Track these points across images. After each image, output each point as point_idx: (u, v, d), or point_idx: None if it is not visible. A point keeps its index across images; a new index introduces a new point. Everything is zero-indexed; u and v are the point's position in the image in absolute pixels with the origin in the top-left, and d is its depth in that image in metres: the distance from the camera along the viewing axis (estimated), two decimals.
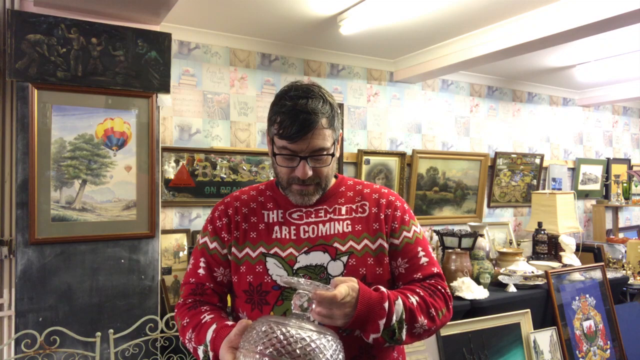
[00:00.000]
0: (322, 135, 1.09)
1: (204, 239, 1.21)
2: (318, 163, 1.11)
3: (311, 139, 1.07)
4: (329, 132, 1.10)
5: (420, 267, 1.15)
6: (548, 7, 2.45)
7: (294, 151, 1.08)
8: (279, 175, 1.16)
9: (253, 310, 1.12)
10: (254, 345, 0.84)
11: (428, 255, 1.18)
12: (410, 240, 1.17)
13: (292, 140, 1.07)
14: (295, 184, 1.13)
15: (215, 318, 1.10)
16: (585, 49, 3.20)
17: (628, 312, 3.06)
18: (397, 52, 3.30)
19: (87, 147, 2.12)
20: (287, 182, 1.14)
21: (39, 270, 2.02)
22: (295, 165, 1.10)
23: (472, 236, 2.76)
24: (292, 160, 1.10)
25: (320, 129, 1.08)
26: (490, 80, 4.06)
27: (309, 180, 1.11)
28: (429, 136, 3.76)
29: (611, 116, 4.99)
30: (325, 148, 1.10)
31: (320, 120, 1.08)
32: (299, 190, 1.13)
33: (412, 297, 1.06)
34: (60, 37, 2.02)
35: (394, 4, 2.37)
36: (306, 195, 1.14)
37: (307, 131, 1.06)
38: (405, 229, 1.18)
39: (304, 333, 0.83)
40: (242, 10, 2.52)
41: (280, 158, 1.12)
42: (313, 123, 1.06)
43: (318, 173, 1.12)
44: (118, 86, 2.15)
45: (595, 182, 4.74)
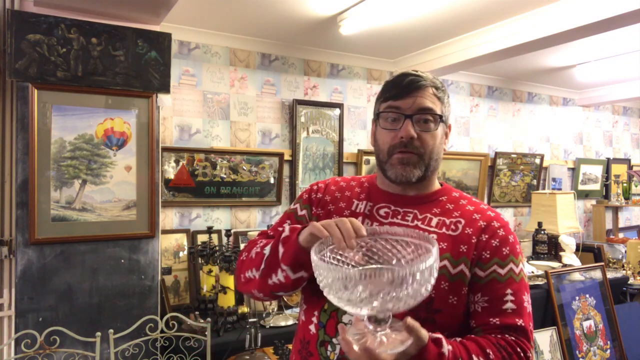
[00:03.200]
0: (430, 98, 1.04)
1: (295, 205, 1.18)
2: (423, 127, 1.03)
3: (418, 97, 1.02)
4: (437, 102, 1.05)
5: (501, 312, 0.96)
6: (548, 7, 2.45)
7: (398, 108, 1.03)
8: (381, 147, 1.07)
9: (312, 296, 1.06)
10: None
11: (518, 303, 0.98)
12: (501, 279, 0.98)
13: (398, 96, 1.03)
14: (397, 152, 1.04)
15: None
16: (585, 49, 3.20)
17: (628, 312, 3.06)
18: (397, 52, 3.30)
19: (87, 147, 2.12)
20: (388, 151, 1.05)
21: (39, 270, 2.02)
22: (399, 127, 1.03)
23: None
24: (396, 122, 1.04)
25: (429, 93, 1.04)
26: (490, 80, 4.06)
27: (413, 146, 1.02)
28: None
29: (611, 116, 4.99)
30: (433, 110, 1.03)
31: (430, 87, 1.04)
32: (400, 159, 1.03)
33: (475, 358, 0.87)
34: (60, 37, 2.02)
35: (394, 4, 2.37)
36: (407, 164, 1.03)
37: (415, 88, 1.03)
38: (498, 263, 0.99)
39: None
40: (242, 10, 2.52)
41: (384, 121, 1.06)
42: (421, 83, 1.03)
43: (423, 141, 1.03)
44: (118, 86, 2.15)
45: (595, 182, 4.74)
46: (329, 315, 1.02)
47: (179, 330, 2.12)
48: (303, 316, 1.09)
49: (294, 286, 0.98)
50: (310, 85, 3.26)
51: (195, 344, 2.12)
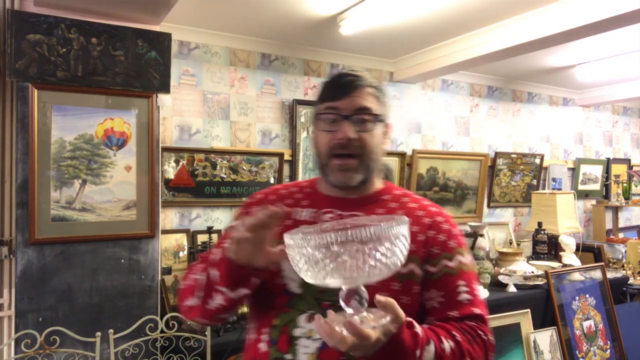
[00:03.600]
0: (368, 98, 1.04)
1: (235, 223, 1.11)
2: (362, 127, 1.02)
3: (356, 97, 1.02)
4: (375, 101, 1.05)
5: (458, 304, 0.98)
6: (548, 7, 2.45)
7: (336, 109, 1.02)
8: (320, 149, 1.06)
9: (259, 313, 1.04)
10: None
11: (472, 292, 1.00)
12: (452, 271, 1.00)
13: (336, 97, 1.03)
14: (336, 156, 1.03)
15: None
16: (585, 49, 3.20)
17: (628, 312, 3.06)
18: (397, 52, 3.30)
19: (87, 147, 2.12)
20: (327, 154, 1.04)
21: (39, 270, 2.02)
22: (338, 128, 1.02)
23: (472, 236, 2.75)
24: (334, 123, 1.03)
25: (367, 93, 1.04)
26: (490, 80, 4.06)
27: (352, 147, 1.01)
28: (429, 136, 3.76)
29: (611, 116, 4.99)
30: (371, 109, 1.03)
31: (367, 87, 1.04)
32: (340, 165, 1.03)
33: (446, 341, 0.89)
34: (60, 37, 2.02)
35: (394, 4, 2.37)
36: (347, 170, 1.02)
37: (352, 88, 1.03)
38: (447, 257, 1.01)
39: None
40: (242, 10, 2.52)
41: (322, 123, 1.05)
42: (359, 84, 1.03)
43: (362, 141, 1.02)
44: (118, 86, 2.15)
45: (595, 182, 4.74)
46: (279, 331, 0.98)
47: (179, 330, 2.12)
48: (252, 334, 1.05)
49: (235, 306, 0.96)
50: (310, 85, 3.26)
51: (195, 344, 2.12)
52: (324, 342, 0.90)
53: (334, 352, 0.92)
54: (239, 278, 0.91)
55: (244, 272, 0.90)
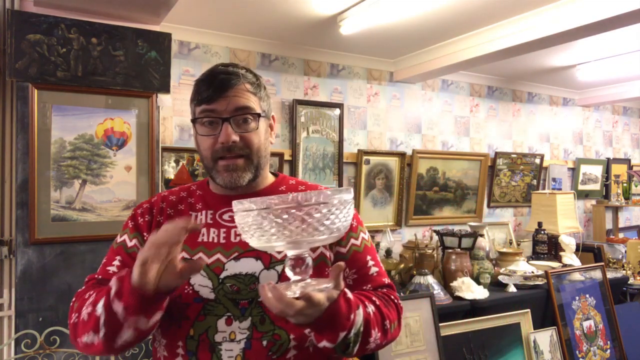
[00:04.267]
0: (245, 96, 0.99)
1: (122, 238, 1.04)
2: (244, 127, 0.98)
3: (233, 97, 0.97)
4: (254, 98, 1.00)
5: (370, 278, 1.04)
6: (548, 7, 2.45)
7: (214, 111, 0.97)
8: (203, 153, 1.02)
9: (170, 327, 0.96)
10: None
11: (377, 264, 1.07)
12: (359, 249, 1.05)
13: (211, 99, 0.97)
14: (221, 158, 0.99)
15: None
16: (585, 49, 3.20)
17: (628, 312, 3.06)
18: (397, 52, 3.30)
19: (87, 147, 2.12)
20: (212, 158, 1.00)
21: (39, 270, 2.02)
22: (218, 131, 0.97)
23: (472, 236, 2.76)
24: (213, 126, 0.98)
25: (244, 90, 0.99)
26: (490, 80, 4.06)
27: (236, 148, 0.98)
28: (429, 136, 3.76)
29: (611, 116, 4.99)
30: (251, 108, 0.99)
31: (243, 83, 0.99)
32: (226, 166, 0.98)
33: (369, 305, 0.93)
34: (60, 37, 2.02)
35: (394, 4, 2.37)
36: (234, 170, 0.98)
37: (227, 87, 0.97)
38: (353, 236, 1.05)
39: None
40: (242, 10, 2.51)
41: (201, 127, 1.00)
42: (233, 82, 0.98)
43: (246, 141, 0.99)
44: (118, 86, 2.15)
45: (595, 182, 4.74)
46: (197, 341, 0.94)
47: None
48: (164, 352, 0.98)
49: (148, 333, 0.87)
50: (310, 85, 3.26)
51: None
52: (248, 341, 0.92)
53: (259, 349, 0.91)
54: (150, 305, 0.81)
55: (155, 297, 0.81)
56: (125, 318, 0.81)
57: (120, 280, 0.82)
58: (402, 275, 2.65)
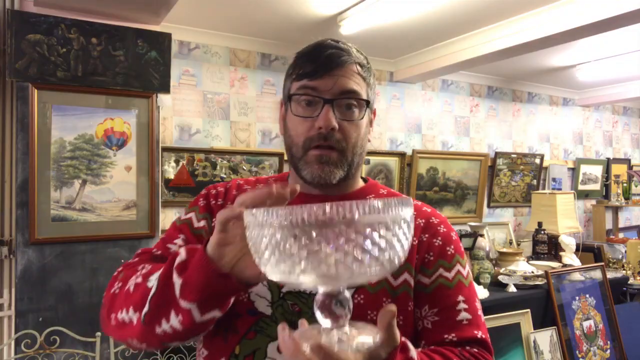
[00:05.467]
0: (355, 78, 0.83)
1: (188, 214, 0.91)
2: (346, 115, 0.83)
3: (341, 77, 0.82)
4: (363, 83, 0.85)
5: (456, 324, 0.79)
6: (548, 7, 2.45)
7: (316, 90, 0.82)
8: (294, 139, 0.85)
9: (214, 337, 0.81)
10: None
11: (473, 311, 0.81)
12: (449, 284, 0.82)
13: (315, 75, 0.82)
14: (314, 147, 0.82)
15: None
16: (585, 49, 3.20)
17: (628, 312, 3.06)
18: (397, 52, 3.30)
19: (87, 147, 2.12)
20: (303, 145, 0.83)
21: (39, 270, 2.02)
22: (317, 114, 0.82)
23: (472, 236, 2.75)
24: (312, 107, 0.83)
25: (354, 71, 0.84)
26: (490, 80, 4.06)
27: (332, 138, 0.81)
28: (429, 136, 3.76)
29: (611, 116, 4.99)
30: (359, 93, 0.83)
31: (354, 63, 0.84)
32: (319, 156, 0.82)
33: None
34: (60, 37, 2.02)
35: (394, 4, 2.37)
36: (327, 163, 0.82)
37: (336, 65, 0.82)
38: (444, 266, 0.83)
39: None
40: (242, 10, 2.51)
41: (297, 106, 0.84)
42: (344, 59, 0.83)
43: (345, 132, 0.83)
44: (118, 86, 2.15)
45: (595, 182, 4.74)
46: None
47: None
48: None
49: (195, 333, 0.70)
50: None
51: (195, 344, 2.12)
52: None
53: None
54: (217, 293, 0.66)
55: (227, 285, 0.65)
56: (180, 299, 0.66)
57: (192, 251, 0.67)
58: None
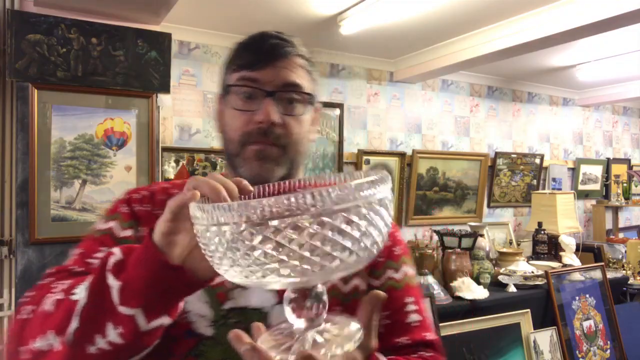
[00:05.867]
0: (298, 71, 0.78)
1: (107, 224, 0.77)
2: (288, 109, 0.77)
3: (283, 68, 0.77)
4: (307, 78, 0.80)
5: (407, 327, 0.77)
6: (548, 7, 2.45)
7: (256, 82, 0.76)
8: (230, 134, 0.78)
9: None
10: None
11: (421, 312, 0.79)
12: (398, 285, 0.79)
13: (255, 65, 0.76)
14: (253, 142, 0.76)
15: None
16: (585, 49, 3.20)
17: (628, 312, 3.06)
18: (397, 52, 3.30)
19: (87, 147, 2.12)
20: (240, 141, 0.77)
21: (39, 270, 2.02)
22: (257, 108, 0.75)
23: (472, 236, 2.76)
24: (252, 100, 0.76)
25: (297, 64, 0.79)
26: (490, 80, 4.06)
27: (273, 134, 0.75)
28: (429, 136, 3.76)
29: (611, 116, 4.99)
30: (302, 87, 0.78)
31: (298, 56, 0.79)
32: (257, 151, 0.75)
33: None
34: (60, 37, 2.02)
35: (394, 4, 2.37)
36: (266, 159, 0.75)
37: (279, 56, 0.77)
38: (392, 267, 0.80)
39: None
40: (242, 10, 2.51)
41: (235, 98, 0.77)
42: (287, 50, 0.78)
43: (287, 128, 0.77)
44: (118, 86, 2.15)
45: (595, 182, 4.74)
46: None
47: None
48: None
49: (139, 348, 0.57)
50: None
51: None
52: None
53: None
54: (166, 291, 0.55)
55: (180, 279, 0.54)
56: (120, 305, 0.54)
57: (129, 249, 0.57)
58: None
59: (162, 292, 0.54)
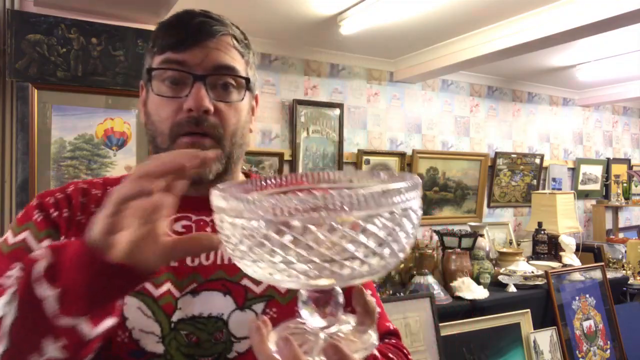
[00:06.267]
0: (231, 52, 0.71)
1: (19, 236, 0.66)
2: (223, 96, 0.69)
3: (213, 49, 0.69)
4: (241, 60, 0.73)
5: None
6: (548, 7, 2.45)
7: (183, 64, 0.67)
8: (157, 126, 0.70)
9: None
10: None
11: (379, 303, 0.76)
12: None
13: (181, 46, 0.67)
14: (183, 134, 0.67)
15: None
16: (585, 49, 3.20)
17: (628, 312, 3.06)
18: (397, 52, 3.30)
19: (87, 147, 2.12)
20: (170, 133, 0.68)
21: None
22: (185, 94, 0.67)
23: (472, 236, 2.76)
24: (179, 85, 0.68)
25: (229, 45, 0.71)
26: (490, 80, 4.06)
27: (206, 123, 0.67)
28: (429, 136, 3.76)
29: (611, 116, 4.99)
30: (236, 70, 0.71)
31: (229, 35, 0.72)
32: (189, 146, 0.67)
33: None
34: (60, 37, 2.02)
35: (394, 4, 2.37)
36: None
37: (208, 35, 0.69)
38: None
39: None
40: (242, 10, 2.51)
41: (160, 84, 0.69)
42: (217, 28, 0.70)
43: (221, 117, 0.69)
44: (118, 86, 2.15)
45: (595, 182, 4.74)
46: None
47: None
48: None
49: (84, 354, 0.50)
50: (310, 85, 3.26)
51: None
52: None
53: None
54: (107, 290, 0.47)
55: (125, 278, 0.47)
56: (59, 315, 0.46)
57: (57, 249, 0.48)
58: (402, 276, 2.65)
59: (106, 293, 0.47)
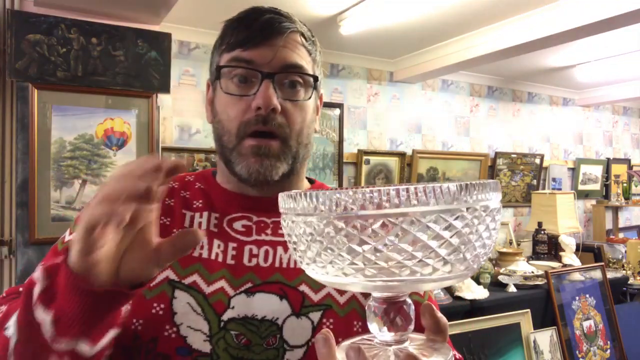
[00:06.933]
0: (299, 50, 0.70)
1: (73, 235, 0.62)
2: (291, 94, 0.68)
3: (282, 47, 0.67)
4: (308, 58, 0.72)
5: None
6: (548, 7, 2.45)
7: (252, 63, 0.66)
8: (225, 124, 0.68)
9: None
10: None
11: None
12: (420, 299, 0.71)
13: (250, 42, 0.66)
14: (250, 135, 0.66)
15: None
16: (585, 49, 3.20)
17: (628, 312, 3.06)
18: (397, 52, 3.30)
19: (87, 147, 2.12)
20: (237, 132, 0.67)
21: None
22: (254, 92, 0.66)
23: None
24: (248, 83, 0.67)
25: (297, 42, 0.70)
26: (490, 80, 4.06)
27: (274, 123, 0.66)
28: (429, 136, 3.76)
29: (611, 116, 4.99)
30: (304, 68, 0.70)
31: (297, 33, 0.71)
32: (255, 147, 0.66)
33: None
34: (60, 37, 2.02)
35: (394, 4, 2.37)
36: (266, 155, 0.66)
37: (277, 33, 0.67)
38: None
39: None
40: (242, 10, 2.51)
41: (229, 83, 0.68)
42: (286, 26, 0.68)
43: (288, 116, 0.67)
44: (118, 86, 2.15)
45: (595, 182, 4.74)
46: None
47: None
48: None
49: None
50: None
51: None
52: None
53: None
54: (101, 312, 0.46)
55: (115, 297, 0.46)
56: (57, 338, 0.45)
57: (51, 271, 0.46)
58: None
59: (99, 313, 0.46)
